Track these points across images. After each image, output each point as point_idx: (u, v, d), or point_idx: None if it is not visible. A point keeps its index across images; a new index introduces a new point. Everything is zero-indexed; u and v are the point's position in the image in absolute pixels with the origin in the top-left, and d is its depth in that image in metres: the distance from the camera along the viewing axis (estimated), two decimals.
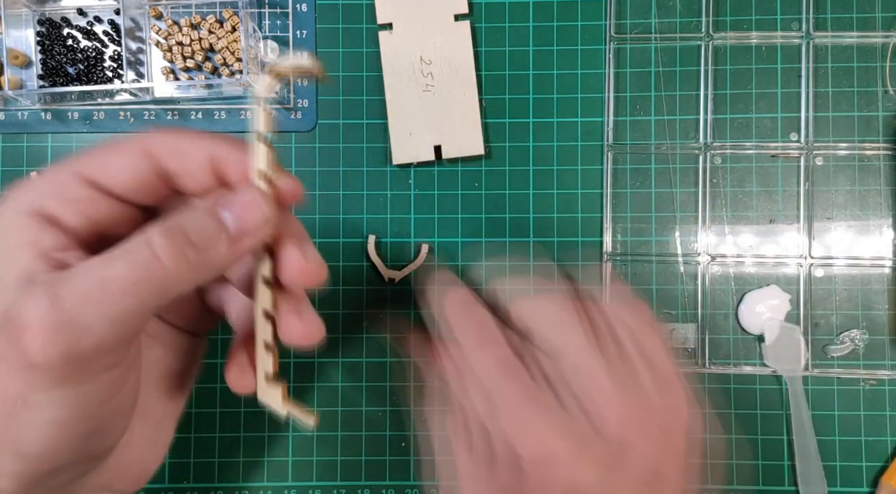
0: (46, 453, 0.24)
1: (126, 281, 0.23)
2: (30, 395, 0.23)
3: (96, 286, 0.22)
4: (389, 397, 0.40)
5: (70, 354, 0.22)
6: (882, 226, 0.39)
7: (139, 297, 0.23)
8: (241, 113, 0.40)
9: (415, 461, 0.39)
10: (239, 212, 0.24)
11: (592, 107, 0.40)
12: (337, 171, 0.40)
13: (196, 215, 0.24)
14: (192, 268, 0.23)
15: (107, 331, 0.23)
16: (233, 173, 0.26)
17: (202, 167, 0.26)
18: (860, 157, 0.39)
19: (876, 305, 0.39)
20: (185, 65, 0.40)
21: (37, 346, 0.22)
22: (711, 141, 0.40)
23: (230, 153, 0.26)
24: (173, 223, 0.24)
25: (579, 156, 0.40)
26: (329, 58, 0.40)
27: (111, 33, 0.40)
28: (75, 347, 0.22)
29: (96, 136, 0.40)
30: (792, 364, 0.39)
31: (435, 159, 0.39)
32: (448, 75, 0.39)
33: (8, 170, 0.40)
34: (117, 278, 0.23)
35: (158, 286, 0.23)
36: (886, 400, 0.39)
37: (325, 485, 0.39)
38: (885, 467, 0.39)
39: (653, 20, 0.40)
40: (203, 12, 0.40)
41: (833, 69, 0.40)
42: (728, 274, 0.40)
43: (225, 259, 0.24)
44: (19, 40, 0.40)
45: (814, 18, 0.40)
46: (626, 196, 0.40)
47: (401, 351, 0.40)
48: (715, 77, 0.40)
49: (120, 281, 0.23)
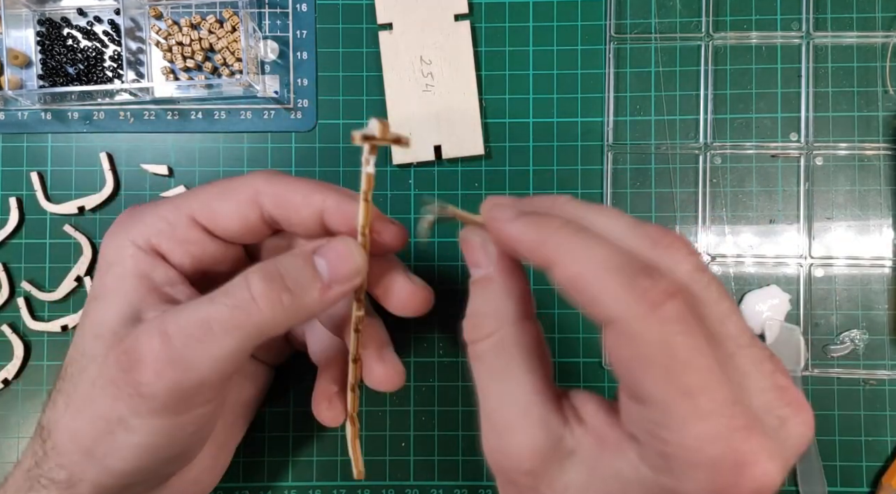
0: (129, 471, 0.26)
1: (228, 323, 0.24)
2: (131, 419, 0.25)
3: (200, 327, 0.24)
4: (389, 397, 0.40)
5: (175, 388, 0.24)
6: (882, 226, 0.39)
7: (238, 339, 0.24)
8: (241, 113, 0.40)
9: (415, 461, 0.39)
10: (333, 261, 0.26)
11: (592, 107, 0.40)
12: (337, 171, 0.40)
13: (293, 261, 0.26)
14: (286, 312, 0.25)
15: (210, 369, 0.24)
16: (336, 224, 0.28)
17: (309, 220, 0.28)
18: (860, 157, 0.39)
19: (876, 305, 0.39)
20: (185, 65, 0.40)
21: (148, 378, 0.24)
22: (711, 141, 0.40)
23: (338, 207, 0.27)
24: (272, 268, 0.25)
25: (579, 156, 0.40)
26: (329, 58, 0.40)
27: (111, 33, 0.40)
28: (180, 383, 0.24)
29: (96, 136, 0.40)
30: (792, 364, 0.39)
31: (435, 159, 0.39)
32: (448, 75, 0.39)
33: (8, 170, 0.40)
34: (219, 320, 0.24)
35: (256, 328, 0.25)
36: (886, 400, 0.39)
37: (325, 485, 0.39)
38: (885, 467, 0.39)
39: (653, 20, 0.40)
40: (203, 12, 0.40)
41: (833, 69, 0.40)
42: (728, 274, 0.40)
43: (317, 305, 0.26)
44: (19, 40, 0.40)
45: (814, 18, 0.40)
46: (626, 196, 0.40)
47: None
48: (715, 77, 0.40)
49: (222, 324, 0.24)
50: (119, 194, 0.40)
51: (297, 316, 0.26)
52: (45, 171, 0.40)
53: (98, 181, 0.40)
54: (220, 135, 0.40)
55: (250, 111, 0.40)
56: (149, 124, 0.40)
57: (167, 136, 0.40)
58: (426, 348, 0.40)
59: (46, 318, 0.40)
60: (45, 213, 0.40)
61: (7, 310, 0.40)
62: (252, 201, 0.28)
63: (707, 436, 0.19)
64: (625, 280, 0.20)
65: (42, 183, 0.40)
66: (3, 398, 0.40)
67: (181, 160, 0.40)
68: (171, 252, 0.28)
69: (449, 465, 0.39)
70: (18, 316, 0.40)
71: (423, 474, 0.39)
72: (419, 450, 0.39)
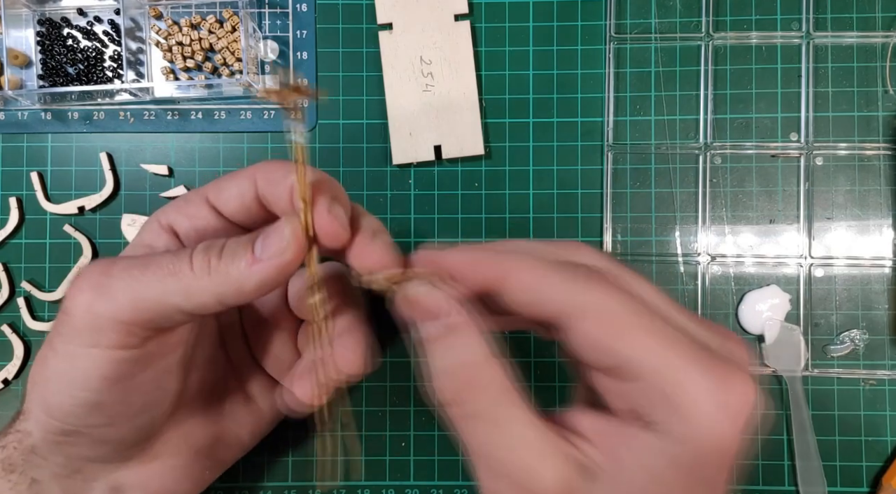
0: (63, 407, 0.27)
1: (159, 271, 0.26)
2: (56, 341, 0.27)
3: (138, 269, 0.26)
4: (389, 397, 0.40)
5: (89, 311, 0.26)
6: (882, 226, 0.39)
7: (163, 289, 0.26)
8: (241, 113, 0.40)
9: (415, 461, 0.39)
10: (266, 236, 0.26)
11: (592, 107, 0.40)
12: (337, 171, 0.40)
13: (238, 239, 0.27)
14: (213, 279, 0.26)
15: (126, 306, 0.26)
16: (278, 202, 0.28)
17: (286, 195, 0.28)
18: (860, 157, 0.39)
19: (876, 305, 0.39)
20: (185, 65, 0.40)
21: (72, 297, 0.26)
22: (711, 141, 0.40)
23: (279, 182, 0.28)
24: (218, 241, 0.27)
25: (579, 156, 0.40)
26: (329, 58, 0.40)
27: (111, 33, 0.40)
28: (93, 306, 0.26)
29: (96, 136, 0.40)
30: (792, 364, 0.39)
31: (435, 159, 0.39)
32: (448, 75, 0.39)
33: (8, 170, 0.40)
34: (155, 268, 0.26)
35: (181, 286, 0.26)
36: (886, 400, 0.39)
37: (324, 485, 0.39)
38: (885, 467, 0.39)
39: (653, 20, 0.40)
40: (203, 12, 0.40)
41: (833, 69, 0.40)
42: (728, 274, 0.40)
43: (245, 277, 0.26)
44: (19, 40, 0.40)
45: (814, 18, 0.40)
46: (626, 196, 0.40)
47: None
48: (715, 77, 0.40)
49: (155, 269, 0.26)
50: (119, 194, 0.40)
51: (225, 286, 0.26)
52: (45, 171, 0.40)
53: (98, 181, 0.40)
54: (220, 135, 0.40)
55: (250, 111, 0.40)
56: (149, 124, 0.40)
57: (167, 136, 0.40)
58: None
59: (46, 318, 0.40)
60: (45, 213, 0.40)
61: (7, 310, 0.40)
62: (251, 179, 0.29)
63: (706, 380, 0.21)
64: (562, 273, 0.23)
65: (42, 183, 0.40)
66: (3, 398, 0.40)
67: (181, 160, 0.40)
68: (179, 225, 0.29)
69: (449, 465, 0.39)
70: (18, 316, 0.40)
71: (423, 474, 0.39)
72: (419, 450, 0.39)
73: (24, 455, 0.28)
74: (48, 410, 0.27)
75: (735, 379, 0.22)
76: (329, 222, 0.26)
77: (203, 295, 0.26)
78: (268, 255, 0.26)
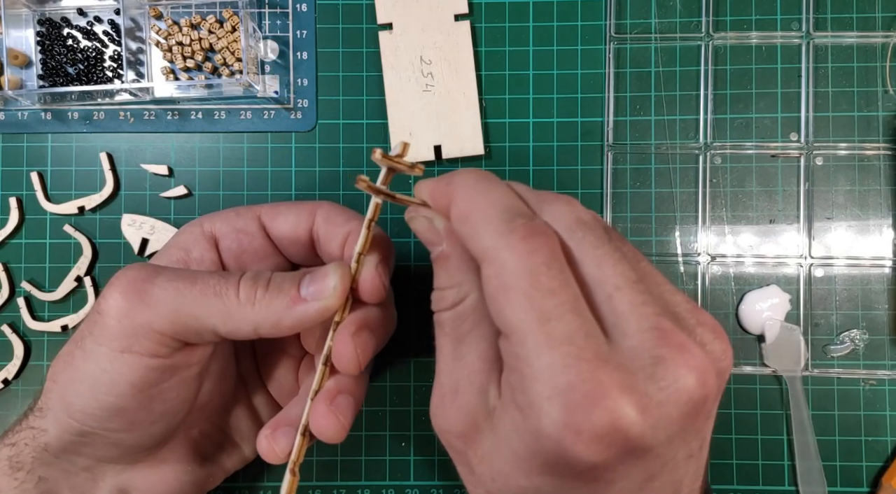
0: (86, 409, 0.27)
1: (205, 291, 0.26)
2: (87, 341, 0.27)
3: (184, 284, 0.26)
4: (390, 397, 0.40)
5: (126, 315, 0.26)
6: (882, 226, 0.39)
7: (205, 309, 0.26)
8: (241, 113, 0.40)
9: (415, 461, 0.39)
10: (313, 278, 0.27)
11: (592, 107, 0.40)
12: (337, 171, 0.40)
13: (286, 274, 0.28)
14: (255, 309, 0.26)
15: (167, 318, 0.26)
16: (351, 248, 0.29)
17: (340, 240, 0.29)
18: (860, 157, 0.39)
19: (876, 305, 0.39)
20: (185, 65, 0.40)
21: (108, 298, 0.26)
22: (711, 141, 0.40)
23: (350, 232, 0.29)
24: (265, 272, 0.28)
25: (579, 156, 0.40)
26: (329, 58, 0.40)
27: (111, 33, 0.40)
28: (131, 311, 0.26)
29: (96, 136, 0.40)
30: (792, 364, 0.39)
31: (435, 159, 0.39)
32: (448, 75, 0.39)
33: (8, 170, 0.40)
34: (202, 286, 0.26)
35: (224, 310, 0.26)
36: (886, 400, 0.39)
37: (325, 485, 0.39)
38: (885, 467, 0.39)
39: (653, 20, 0.40)
40: (203, 12, 0.40)
41: (833, 69, 0.40)
42: (728, 274, 0.40)
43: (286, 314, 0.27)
44: (19, 40, 0.40)
45: (814, 18, 0.40)
46: (626, 196, 0.40)
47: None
48: (715, 77, 0.40)
49: (201, 288, 0.26)
50: (119, 194, 0.40)
51: (264, 317, 0.27)
52: (45, 171, 0.40)
53: (98, 181, 0.40)
54: (220, 135, 0.40)
55: (250, 111, 0.40)
56: (149, 124, 0.40)
57: (167, 136, 0.40)
58: (426, 347, 0.40)
59: (46, 318, 0.40)
60: (45, 213, 0.40)
61: (7, 310, 0.40)
62: (310, 213, 0.30)
63: (556, 365, 0.20)
64: (504, 217, 0.22)
65: (42, 183, 0.40)
66: (3, 398, 0.40)
67: (181, 160, 0.40)
68: (223, 235, 0.30)
69: (448, 465, 0.39)
70: (18, 316, 0.40)
71: (423, 474, 0.39)
72: (419, 450, 0.39)
73: (36, 452, 0.28)
74: (69, 410, 0.27)
75: (599, 385, 0.20)
76: (373, 280, 0.28)
77: (242, 322, 0.27)
78: (312, 297, 0.27)
